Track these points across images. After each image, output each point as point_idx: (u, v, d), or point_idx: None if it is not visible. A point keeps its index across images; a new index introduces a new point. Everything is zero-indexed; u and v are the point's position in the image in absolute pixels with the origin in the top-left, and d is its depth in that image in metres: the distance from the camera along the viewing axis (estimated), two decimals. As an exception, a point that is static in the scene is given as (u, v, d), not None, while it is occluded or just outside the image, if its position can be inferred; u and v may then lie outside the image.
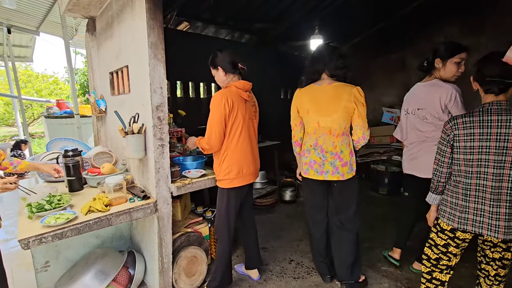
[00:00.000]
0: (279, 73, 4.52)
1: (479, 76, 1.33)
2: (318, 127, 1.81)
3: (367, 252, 2.51)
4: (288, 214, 3.39)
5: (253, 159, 1.86)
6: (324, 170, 1.82)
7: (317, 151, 1.82)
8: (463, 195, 1.33)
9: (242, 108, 1.75)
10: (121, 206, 1.65)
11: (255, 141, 1.91)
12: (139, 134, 1.72)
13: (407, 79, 4.66)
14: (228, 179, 1.79)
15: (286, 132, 4.83)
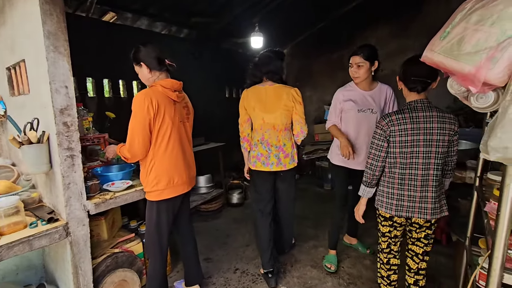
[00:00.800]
0: (223, 71, 4.36)
1: (405, 76, 1.45)
2: (264, 123, 2.02)
3: (311, 251, 2.52)
4: (235, 218, 3.28)
5: (186, 166, 1.68)
6: (269, 162, 2.02)
7: (264, 145, 2.02)
8: (399, 184, 1.46)
9: (170, 110, 1.55)
10: (18, 234, 1.33)
11: (188, 146, 1.73)
12: (39, 144, 1.40)
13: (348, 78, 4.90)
14: (157, 191, 1.58)
15: (233, 132, 4.71)
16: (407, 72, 1.44)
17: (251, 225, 3.09)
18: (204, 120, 4.04)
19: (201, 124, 4.07)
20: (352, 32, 4.72)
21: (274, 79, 2.03)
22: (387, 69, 4.46)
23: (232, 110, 4.80)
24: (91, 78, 2.81)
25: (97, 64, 2.78)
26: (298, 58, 5.41)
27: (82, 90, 2.69)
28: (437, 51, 0.92)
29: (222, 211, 3.47)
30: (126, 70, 3.19)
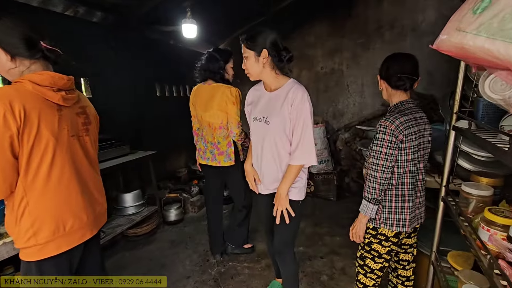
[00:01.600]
0: (152, 65, 3.71)
1: (389, 73, 1.32)
2: (202, 120, 2.16)
3: (263, 273, 2.21)
4: (173, 240, 2.76)
5: (87, 201, 1.15)
6: (206, 157, 2.19)
7: (202, 141, 2.21)
8: (409, 196, 1.31)
9: (50, 120, 1.01)
10: None
11: (90, 171, 1.19)
12: None
13: (287, 76, 4.75)
14: (35, 246, 1.02)
15: (168, 136, 4.12)
16: (390, 68, 1.31)
17: (193, 245, 2.63)
18: (128, 126, 3.36)
19: (124, 130, 3.38)
20: (293, 28, 4.58)
21: (215, 78, 2.09)
22: (327, 67, 4.46)
23: (166, 110, 4.18)
24: None
25: None
26: (238, 53, 5.04)
27: None
28: (473, 32, 0.60)
29: (157, 233, 2.91)
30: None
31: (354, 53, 4.22)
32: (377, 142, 1.25)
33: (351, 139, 4.23)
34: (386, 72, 1.32)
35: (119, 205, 2.72)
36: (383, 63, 1.36)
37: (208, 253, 2.49)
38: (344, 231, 2.79)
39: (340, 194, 3.72)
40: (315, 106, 4.58)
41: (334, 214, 3.23)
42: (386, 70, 1.33)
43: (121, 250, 2.58)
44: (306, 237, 2.72)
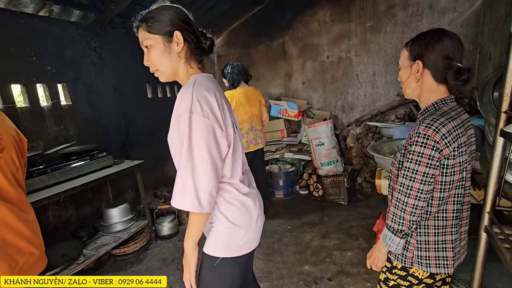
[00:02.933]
0: (141, 65, 3.42)
1: (440, 60, 0.90)
2: (251, 114, 2.78)
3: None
4: (165, 258, 2.51)
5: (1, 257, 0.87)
6: (256, 142, 2.79)
7: (252, 131, 2.79)
8: (453, 226, 0.95)
9: None
10: None
11: (6, 212, 0.90)
12: None
13: (290, 68, 4.38)
14: None
15: (163, 141, 3.86)
16: (441, 52, 0.89)
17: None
18: (115, 133, 3.11)
19: (111, 138, 3.13)
20: (293, 16, 4.18)
21: (246, 80, 2.92)
22: (333, 56, 4.04)
23: (161, 112, 3.91)
24: None
25: None
26: (236, 47, 4.71)
27: None
28: None
29: (148, 249, 2.67)
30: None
31: (363, 39, 3.79)
32: (412, 158, 0.89)
33: (363, 135, 3.83)
34: (429, 55, 0.91)
35: (105, 221, 2.49)
36: (422, 43, 0.93)
37: (200, 274, 2.21)
38: (356, 244, 2.45)
39: (351, 197, 3.36)
40: (323, 100, 4.20)
41: (344, 221, 2.88)
42: (429, 51, 0.91)
43: (107, 272, 2.35)
44: (312, 252, 2.40)
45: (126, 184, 3.19)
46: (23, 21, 2.34)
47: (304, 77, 4.28)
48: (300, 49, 4.23)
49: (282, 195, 3.60)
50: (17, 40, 2.27)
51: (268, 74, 4.58)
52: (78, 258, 2.09)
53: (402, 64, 0.98)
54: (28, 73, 2.34)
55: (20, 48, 2.29)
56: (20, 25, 2.30)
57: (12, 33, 2.24)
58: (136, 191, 3.32)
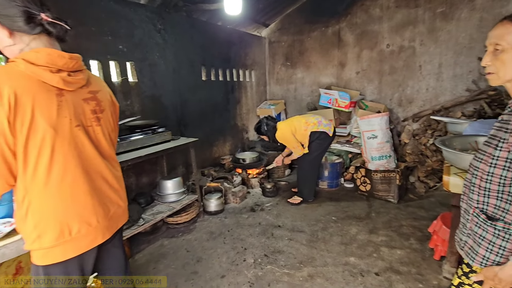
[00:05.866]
0: (198, 49, 3.57)
1: None
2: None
3: (305, 285, 1.93)
4: (212, 232, 2.65)
5: (98, 201, 1.00)
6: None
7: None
8: None
9: (48, 107, 0.85)
10: None
11: (103, 164, 1.03)
12: None
13: (345, 57, 4.20)
14: (41, 250, 0.91)
15: (212, 123, 4.01)
16: None
17: (231, 240, 2.48)
18: (173, 111, 3.31)
19: (169, 116, 3.35)
20: (353, 1, 3.96)
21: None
22: (394, 44, 3.77)
23: (212, 95, 4.06)
24: (2, 56, 2.02)
25: None
26: (289, 33, 4.63)
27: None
28: None
29: (197, 222, 2.84)
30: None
31: (431, 26, 3.47)
32: None
33: (422, 132, 3.55)
34: None
35: (161, 192, 2.70)
36: None
37: (246, 251, 2.30)
38: (407, 243, 2.33)
39: (402, 195, 3.17)
40: (377, 91, 3.97)
41: (394, 219, 2.75)
42: None
43: (161, 238, 2.57)
44: (358, 245, 2.34)
45: (178, 160, 3.39)
46: (102, 3, 2.56)
47: (359, 66, 4.07)
48: (357, 36, 4.02)
49: (326, 186, 3.54)
50: (97, 20, 2.50)
51: (319, 62, 4.45)
52: (139, 220, 2.31)
53: (508, 43, 0.85)
54: (104, 51, 2.57)
55: (99, 28, 2.52)
56: (100, 7, 2.52)
57: (94, 14, 2.46)
58: (186, 167, 3.53)
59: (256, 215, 2.96)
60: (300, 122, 2.96)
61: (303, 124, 2.94)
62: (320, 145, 2.97)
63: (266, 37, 4.87)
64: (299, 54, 4.63)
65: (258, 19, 4.41)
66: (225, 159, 4.10)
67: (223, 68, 4.05)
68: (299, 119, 3.01)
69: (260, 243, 2.41)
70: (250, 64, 4.57)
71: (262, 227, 2.70)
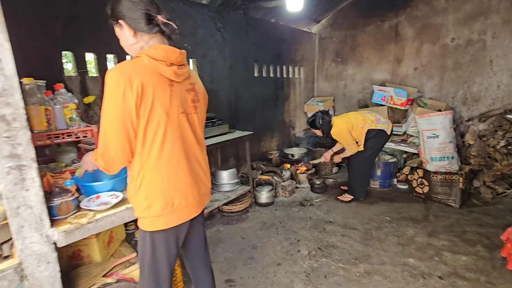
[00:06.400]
0: (252, 45, 3.69)
1: None
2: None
3: (363, 280, 1.92)
4: (264, 222, 2.75)
5: (193, 180, 1.13)
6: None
7: None
8: None
9: (163, 96, 0.99)
10: None
11: (198, 149, 1.17)
12: (-31, 148, 0.93)
13: (402, 52, 4.00)
14: (149, 217, 1.06)
15: (261, 118, 4.11)
16: None
17: (284, 231, 2.55)
18: (227, 106, 3.48)
19: (224, 110, 3.52)
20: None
21: None
22: (461, 38, 3.49)
23: (263, 91, 4.16)
24: (93, 54, 2.32)
25: (79, 36, 2.21)
26: (341, 29, 4.54)
27: (81, 69, 2.23)
28: None
29: (249, 212, 2.97)
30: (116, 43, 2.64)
31: (507, 17, 3.15)
32: None
33: (490, 133, 3.26)
34: None
35: (217, 181, 2.87)
36: None
37: (299, 243, 2.36)
38: (473, 250, 2.19)
39: (465, 200, 2.95)
40: (438, 88, 3.71)
41: (456, 224, 2.58)
42: None
43: (217, 224, 2.74)
44: (416, 247, 2.25)
45: (230, 152, 3.56)
46: (173, 4, 2.78)
47: (418, 62, 3.85)
48: (418, 30, 3.80)
49: (378, 185, 3.43)
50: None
51: (373, 58, 4.29)
52: (200, 206, 2.49)
53: None
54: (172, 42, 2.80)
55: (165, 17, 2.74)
56: (171, 8, 2.75)
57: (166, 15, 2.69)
58: (237, 160, 3.69)
59: (306, 209, 3.00)
60: (357, 119, 2.90)
61: (360, 121, 2.88)
62: (376, 143, 2.89)
63: (316, 33, 4.83)
64: (350, 50, 4.52)
65: (310, 15, 4.39)
66: (273, 154, 4.18)
67: (274, 65, 4.12)
68: (356, 116, 2.94)
69: (313, 237, 2.45)
70: (299, 60, 4.58)
71: (313, 221, 2.73)
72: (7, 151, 0.92)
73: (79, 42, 2.19)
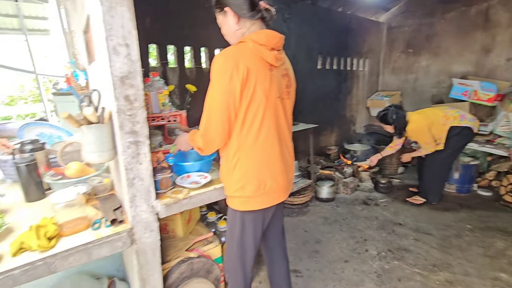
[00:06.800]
0: (316, 36, 3.59)
1: None
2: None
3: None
4: (326, 217, 2.68)
5: (283, 165, 1.14)
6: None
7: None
8: None
9: (264, 80, 1.01)
10: (76, 239, 1.05)
11: (288, 135, 1.18)
12: (99, 124, 1.07)
13: (491, 41, 3.49)
14: (241, 197, 1.10)
15: (322, 112, 4.00)
16: None
17: (348, 229, 2.46)
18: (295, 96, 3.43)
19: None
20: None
21: None
22: None
23: (324, 85, 4.04)
24: (173, 46, 2.50)
25: (175, 29, 2.42)
26: (414, 17, 4.14)
27: (163, 60, 2.42)
28: None
29: (309, 206, 2.93)
30: (209, 36, 2.84)
31: None
32: None
33: None
34: None
35: (279, 173, 2.88)
36: None
37: (366, 242, 2.25)
38: None
39: None
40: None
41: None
42: None
43: (278, 214, 2.76)
44: (509, 262, 1.97)
45: (290, 145, 3.54)
46: None
47: None
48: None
49: (454, 189, 3.09)
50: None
51: (452, 48, 3.83)
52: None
53: None
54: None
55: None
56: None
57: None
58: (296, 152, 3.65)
59: (370, 208, 2.84)
60: (437, 115, 2.61)
61: (441, 117, 2.59)
62: (458, 142, 2.59)
63: (385, 22, 4.49)
64: (425, 40, 4.10)
65: (380, 3, 4.09)
66: (331, 149, 4.05)
67: (338, 57, 3.96)
68: (435, 112, 2.66)
69: (381, 237, 2.31)
70: (364, 52, 4.32)
71: (380, 221, 2.57)
72: (128, 128, 1.04)
73: (163, 36, 2.38)
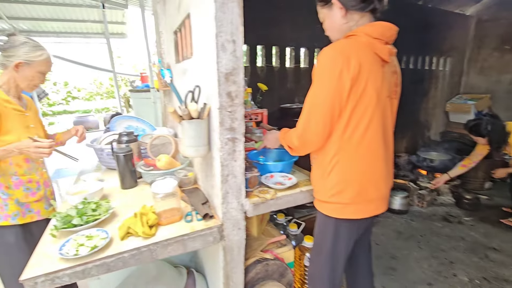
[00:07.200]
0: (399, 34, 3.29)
1: None
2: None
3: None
4: (400, 231, 2.44)
5: (387, 171, 1.03)
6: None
7: None
8: None
9: (376, 77, 0.91)
10: (173, 229, 1.09)
11: (392, 139, 1.06)
12: (199, 120, 1.09)
13: None
14: (337, 204, 1.02)
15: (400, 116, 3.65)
16: None
17: (428, 247, 2.19)
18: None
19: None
20: None
21: None
22: None
23: (406, 86, 3.65)
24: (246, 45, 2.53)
25: (248, 28, 2.44)
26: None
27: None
28: None
29: (379, 217, 2.70)
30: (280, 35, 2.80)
31: None
32: None
33: None
34: None
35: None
36: None
37: (453, 265, 1.97)
38: None
39: None
40: None
41: None
42: None
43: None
44: None
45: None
46: None
47: None
48: None
49: None
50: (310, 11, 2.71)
51: None
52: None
53: None
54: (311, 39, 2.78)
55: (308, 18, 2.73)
56: None
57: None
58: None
59: (453, 227, 2.50)
60: None
61: None
62: None
63: (474, 15, 3.94)
64: None
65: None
66: (401, 156, 3.70)
67: (415, 55, 3.60)
68: None
69: (472, 262, 2.00)
70: (446, 49, 3.85)
71: (468, 243, 2.24)
72: (228, 124, 1.04)
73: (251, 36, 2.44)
